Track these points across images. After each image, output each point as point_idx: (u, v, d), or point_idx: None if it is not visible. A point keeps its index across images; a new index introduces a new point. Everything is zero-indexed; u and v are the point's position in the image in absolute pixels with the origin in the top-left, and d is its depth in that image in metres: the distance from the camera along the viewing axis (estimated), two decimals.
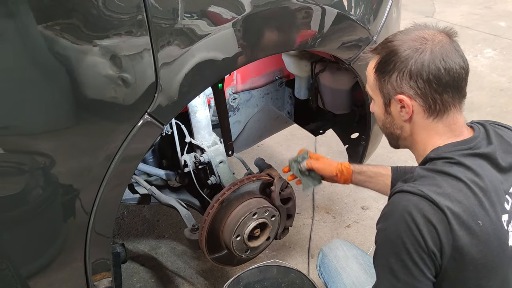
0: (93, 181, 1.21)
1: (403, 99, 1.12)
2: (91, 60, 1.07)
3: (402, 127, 1.20)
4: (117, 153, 1.20)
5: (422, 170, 1.12)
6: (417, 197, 1.03)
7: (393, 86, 1.13)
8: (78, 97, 1.10)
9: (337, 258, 1.69)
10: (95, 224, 1.27)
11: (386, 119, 1.23)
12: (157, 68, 1.16)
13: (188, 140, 1.91)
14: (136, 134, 1.20)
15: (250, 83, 2.17)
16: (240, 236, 1.77)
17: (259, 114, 2.29)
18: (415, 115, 1.15)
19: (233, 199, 1.78)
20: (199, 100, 1.78)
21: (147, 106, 1.19)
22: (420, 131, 1.18)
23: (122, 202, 2.06)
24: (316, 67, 2.07)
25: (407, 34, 1.13)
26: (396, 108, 1.17)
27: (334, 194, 2.91)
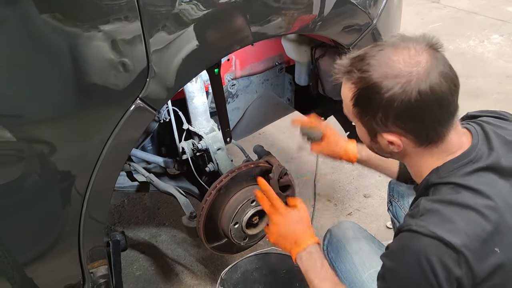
0: (85, 167, 1.19)
1: (392, 140, 1.05)
2: (81, 44, 1.05)
3: (391, 153, 1.13)
4: (109, 139, 1.18)
5: (428, 202, 1.02)
6: (430, 240, 0.95)
7: (378, 124, 1.04)
8: (68, 82, 1.08)
9: (347, 239, 1.63)
10: (88, 210, 1.26)
11: (372, 145, 1.15)
12: (148, 52, 1.14)
13: (185, 127, 1.89)
14: (128, 120, 1.18)
15: (249, 69, 2.14)
16: (238, 223, 1.76)
17: (259, 101, 2.26)
18: (406, 147, 1.08)
19: (231, 186, 1.76)
20: (196, 86, 1.75)
21: (138, 91, 1.17)
22: (413, 157, 1.11)
23: (120, 189, 2.08)
24: (316, 52, 2.03)
25: (386, 64, 0.99)
26: (383, 142, 1.09)
27: (336, 182, 2.88)
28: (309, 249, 1.36)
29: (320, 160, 3.07)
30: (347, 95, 1.09)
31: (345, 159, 1.69)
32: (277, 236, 1.45)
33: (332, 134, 1.68)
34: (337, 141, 1.69)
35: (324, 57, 2.00)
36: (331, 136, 1.68)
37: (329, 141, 1.69)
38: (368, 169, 2.91)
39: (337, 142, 1.68)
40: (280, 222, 1.45)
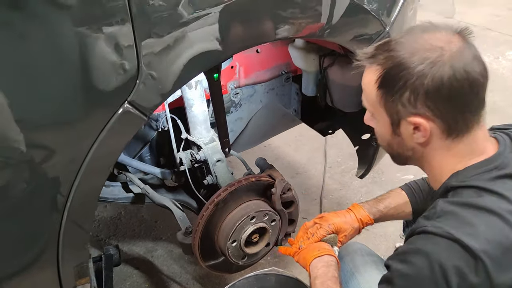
0: (66, 174, 1.08)
1: (420, 123, 0.96)
2: (64, 42, 0.95)
3: (413, 148, 1.03)
4: (94, 144, 1.07)
5: (446, 204, 0.95)
6: (445, 242, 0.88)
7: (405, 106, 0.96)
8: (48, 82, 0.97)
9: (354, 262, 1.52)
10: (69, 222, 1.14)
11: (393, 140, 1.05)
12: (139, 52, 1.03)
13: (184, 136, 1.78)
14: (115, 125, 1.07)
15: (254, 78, 2.03)
16: (236, 241, 1.63)
17: (263, 111, 2.15)
18: (432, 137, 0.98)
19: (229, 201, 1.64)
20: (196, 93, 1.65)
21: (127, 94, 1.06)
22: (435, 154, 1.02)
23: (115, 201, 1.96)
24: (324, 61, 1.92)
25: (416, 41, 0.95)
26: (407, 130, 1.00)
27: (343, 199, 2.75)
28: (328, 259, 1.30)
29: (327, 176, 2.94)
30: (370, 80, 1.01)
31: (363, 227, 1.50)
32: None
33: (341, 222, 1.44)
34: (350, 223, 1.45)
35: (333, 66, 1.89)
36: (343, 225, 1.44)
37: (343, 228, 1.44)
38: (378, 187, 2.84)
39: (351, 223, 1.45)
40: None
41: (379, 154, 2.09)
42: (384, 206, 1.49)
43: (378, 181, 2.89)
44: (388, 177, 2.90)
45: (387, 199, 1.51)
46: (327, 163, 3.07)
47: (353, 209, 1.48)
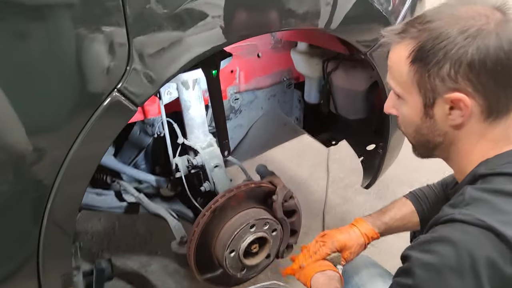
0: (47, 170, 0.99)
1: (461, 99, 0.87)
2: (49, 22, 0.87)
3: (445, 133, 0.95)
4: (78, 137, 0.98)
5: (475, 191, 0.88)
6: (476, 230, 0.80)
7: (444, 81, 0.88)
8: (32, 65, 0.89)
9: (360, 275, 1.41)
10: (48, 228, 1.04)
11: (423, 124, 0.97)
12: (130, 35, 0.96)
13: (180, 141, 1.69)
14: (101, 115, 0.99)
15: (254, 83, 1.96)
16: (234, 251, 1.53)
17: (264, 119, 2.07)
18: (469, 117, 0.90)
19: (227, 208, 1.55)
20: (193, 94, 1.57)
21: (116, 81, 0.98)
22: (468, 139, 0.94)
23: (107, 210, 1.87)
24: (328, 65, 1.85)
25: (455, 11, 0.89)
26: (443, 110, 0.92)
27: (346, 214, 2.65)
28: (331, 273, 1.26)
29: (329, 191, 2.85)
30: (400, 56, 0.94)
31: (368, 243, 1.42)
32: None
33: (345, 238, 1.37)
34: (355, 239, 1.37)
35: (337, 70, 1.82)
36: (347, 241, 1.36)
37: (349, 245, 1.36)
38: (383, 202, 2.72)
39: (356, 240, 1.37)
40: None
41: (385, 164, 1.99)
42: (389, 218, 1.40)
43: (383, 196, 2.79)
44: (393, 191, 2.81)
45: (392, 210, 1.42)
46: (330, 178, 2.98)
47: (356, 224, 1.39)
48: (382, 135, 1.90)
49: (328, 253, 1.32)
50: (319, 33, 1.70)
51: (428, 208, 1.39)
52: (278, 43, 1.93)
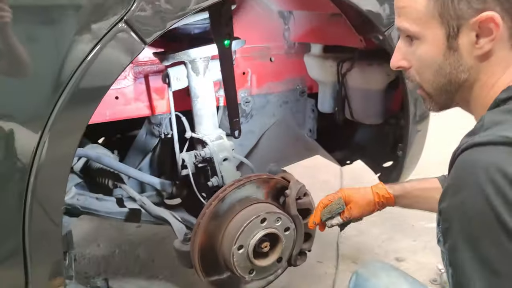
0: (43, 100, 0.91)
1: (492, 17, 0.80)
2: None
3: (470, 68, 0.87)
4: (80, 67, 0.91)
5: (496, 114, 0.80)
6: (501, 147, 0.72)
7: (471, 2, 0.81)
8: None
9: (379, 277, 1.26)
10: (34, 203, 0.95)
11: (446, 60, 0.88)
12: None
13: (188, 135, 1.61)
14: (105, 46, 0.92)
15: (266, 88, 1.90)
16: (243, 247, 1.38)
17: (276, 129, 1.98)
18: (497, 45, 0.83)
19: (236, 200, 1.42)
20: (204, 81, 1.51)
21: (123, 10, 0.92)
22: (495, 69, 0.86)
23: (106, 216, 1.74)
24: (343, 66, 1.79)
25: None
26: (468, 39, 0.84)
27: (362, 244, 2.47)
28: None
29: None
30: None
31: (381, 204, 1.34)
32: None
33: (353, 191, 1.36)
34: (362, 194, 1.35)
35: (352, 70, 1.76)
36: (352, 194, 1.35)
37: (355, 202, 1.34)
38: (400, 234, 2.57)
39: (362, 195, 1.35)
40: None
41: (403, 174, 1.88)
42: (410, 184, 1.35)
43: (400, 228, 2.62)
44: (410, 224, 2.64)
45: (415, 181, 1.37)
46: None
47: (373, 187, 1.36)
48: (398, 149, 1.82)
49: (330, 200, 1.34)
50: (334, 30, 1.66)
51: None
52: (291, 47, 1.90)
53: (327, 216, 1.36)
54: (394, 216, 2.77)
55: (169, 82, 1.51)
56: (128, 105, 1.61)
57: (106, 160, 1.66)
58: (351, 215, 1.35)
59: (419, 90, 0.97)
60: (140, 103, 1.64)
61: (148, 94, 1.64)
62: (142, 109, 1.65)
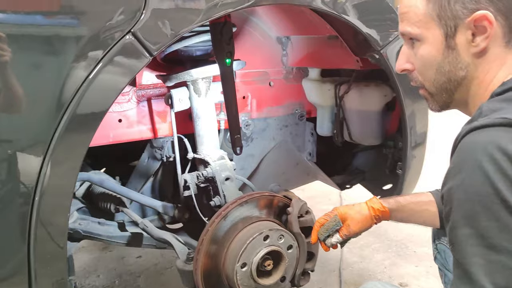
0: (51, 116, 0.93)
1: (485, 15, 0.85)
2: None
3: (468, 65, 0.92)
4: (83, 83, 0.94)
5: (493, 103, 0.85)
6: (499, 128, 0.76)
7: (465, 3, 0.87)
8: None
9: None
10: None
11: (445, 59, 0.94)
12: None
13: (190, 156, 1.63)
14: (112, 58, 0.95)
15: (266, 113, 1.94)
16: (247, 265, 1.38)
17: (276, 152, 2.01)
18: (491, 42, 0.88)
19: (239, 218, 1.43)
20: (206, 102, 1.54)
21: (130, 23, 0.96)
22: (491, 66, 0.91)
23: (109, 241, 1.73)
24: (340, 89, 1.84)
25: None
26: (465, 37, 0.90)
27: (365, 271, 2.45)
28: None
29: (345, 249, 2.66)
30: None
31: (377, 218, 1.37)
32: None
33: (347, 208, 1.39)
34: (357, 211, 1.38)
35: (350, 92, 1.81)
36: (348, 211, 1.38)
37: (352, 218, 1.36)
38: (403, 260, 2.55)
39: (358, 211, 1.38)
40: None
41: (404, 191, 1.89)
42: (403, 198, 1.38)
43: (402, 254, 2.61)
44: (412, 250, 2.63)
45: (409, 195, 1.42)
46: None
47: (367, 202, 1.39)
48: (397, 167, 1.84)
49: (326, 219, 1.37)
50: (331, 53, 1.72)
51: None
52: (290, 72, 1.95)
53: (324, 235, 1.38)
54: (396, 243, 2.77)
55: (171, 103, 1.54)
56: (131, 128, 1.64)
57: (109, 183, 1.67)
58: (350, 231, 1.36)
59: (422, 90, 1.02)
60: (142, 126, 1.67)
61: (150, 117, 1.67)
62: (145, 132, 1.68)
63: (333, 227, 1.36)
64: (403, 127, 1.68)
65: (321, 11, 1.31)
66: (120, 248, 2.61)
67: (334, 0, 1.29)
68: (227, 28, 1.32)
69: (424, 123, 1.78)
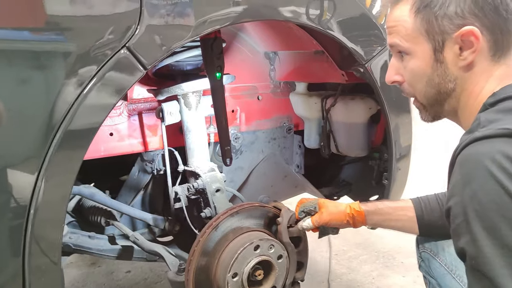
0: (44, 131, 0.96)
1: (472, 30, 0.90)
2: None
3: (456, 78, 0.96)
4: (77, 99, 0.96)
5: (490, 114, 0.87)
6: (502, 139, 0.77)
7: (452, 19, 0.91)
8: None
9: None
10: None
11: (434, 72, 0.97)
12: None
13: (181, 169, 1.65)
14: (106, 73, 0.98)
15: (255, 126, 1.98)
16: (238, 275, 1.40)
17: (265, 165, 2.04)
18: (479, 55, 0.92)
19: (230, 228, 1.45)
20: (196, 116, 1.57)
21: (125, 38, 1.00)
22: (479, 79, 0.95)
23: (99, 254, 1.74)
24: (327, 102, 1.89)
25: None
26: (453, 52, 0.94)
27: (353, 282, 2.47)
28: None
29: (334, 261, 2.69)
30: (403, 12, 0.97)
31: (351, 216, 1.41)
32: None
33: (328, 201, 1.49)
34: (335, 204, 1.46)
35: (336, 105, 1.86)
36: (327, 202, 1.47)
37: (327, 208, 1.44)
38: (390, 270, 2.59)
39: (336, 205, 1.46)
40: None
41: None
42: (381, 203, 1.44)
43: (390, 265, 2.64)
44: (400, 261, 2.67)
45: (388, 200, 1.51)
46: (333, 251, 2.84)
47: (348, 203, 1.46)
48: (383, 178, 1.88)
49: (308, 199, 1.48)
50: (317, 67, 1.77)
51: (428, 211, 1.36)
52: (277, 87, 1.99)
53: (300, 210, 1.48)
54: (384, 254, 2.81)
55: (162, 116, 1.57)
56: (122, 142, 1.66)
57: (100, 197, 1.69)
58: (321, 219, 1.43)
59: (415, 101, 1.05)
60: (133, 140, 1.69)
61: (141, 131, 1.70)
62: (136, 146, 1.70)
63: (309, 207, 1.47)
64: (388, 139, 1.73)
65: (307, 27, 1.37)
66: (109, 263, 2.60)
67: (319, 16, 1.34)
68: (217, 43, 1.36)
69: (408, 136, 1.83)
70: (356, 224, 1.43)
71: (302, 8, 1.30)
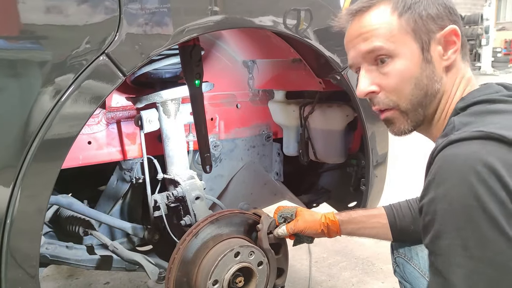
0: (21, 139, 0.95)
1: (454, 29, 0.94)
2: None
3: (441, 78, 0.97)
4: (55, 106, 0.96)
5: (463, 117, 0.88)
6: (477, 141, 0.77)
7: (435, 20, 0.95)
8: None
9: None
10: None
11: (423, 72, 0.96)
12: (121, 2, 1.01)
13: (160, 177, 1.65)
14: (84, 80, 0.98)
15: (234, 134, 1.99)
16: (218, 282, 1.40)
17: (245, 172, 2.05)
18: (457, 55, 0.97)
19: (210, 236, 1.45)
20: (175, 124, 1.58)
21: (104, 45, 1.00)
22: (455, 81, 0.98)
23: (77, 265, 1.71)
24: (305, 110, 1.92)
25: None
26: (437, 52, 0.96)
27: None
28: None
29: (314, 269, 2.71)
30: (383, 16, 0.97)
31: (326, 225, 1.45)
32: None
33: (305, 210, 1.55)
34: (311, 213, 1.52)
35: (314, 113, 1.88)
36: (304, 210, 1.53)
37: (303, 216, 1.50)
38: (370, 277, 2.61)
39: (311, 214, 1.52)
40: None
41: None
42: (355, 212, 1.48)
43: (369, 271, 2.66)
44: (379, 267, 2.69)
45: (361, 209, 1.55)
46: (313, 259, 2.85)
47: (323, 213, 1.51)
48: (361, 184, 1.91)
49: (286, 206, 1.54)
50: (295, 75, 1.80)
51: (400, 218, 1.40)
52: (256, 95, 2.01)
53: (278, 215, 1.54)
54: (363, 261, 2.83)
55: (141, 124, 1.57)
56: (101, 150, 1.65)
57: (77, 206, 1.67)
58: (296, 227, 1.47)
59: (392, 111, 1.00)
60: (112, 148, 1.68)
61: (120, 139, 1.69)
62: (114, 154, 1.69)
63: (286, 213, 1.52)
64: (365, 146, 1.76)
65: (285, 35, 1.39)
66: (87, 275, 2.56)
67: (296, 25, 1.36)
68: (196, 50, 1.38)
69: (385, 143, 1.87)
70: (331, 233, 1.47)
71: (280, 17, 1.32)
